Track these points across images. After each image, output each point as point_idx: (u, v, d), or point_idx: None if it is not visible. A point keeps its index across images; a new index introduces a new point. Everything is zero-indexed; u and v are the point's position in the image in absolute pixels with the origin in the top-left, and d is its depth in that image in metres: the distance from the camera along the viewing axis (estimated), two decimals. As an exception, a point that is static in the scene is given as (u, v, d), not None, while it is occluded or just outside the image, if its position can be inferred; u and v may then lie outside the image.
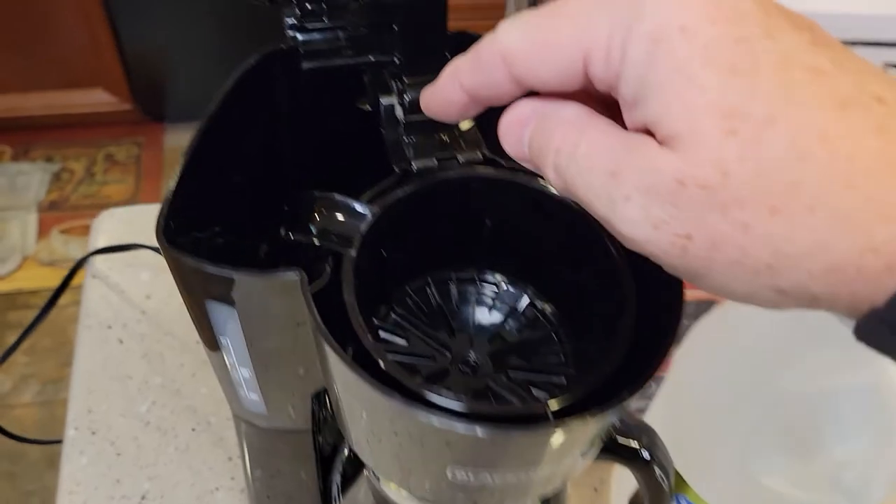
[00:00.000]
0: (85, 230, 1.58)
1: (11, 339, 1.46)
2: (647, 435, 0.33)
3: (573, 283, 0.31)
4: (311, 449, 0.36)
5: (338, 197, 0.28)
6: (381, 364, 0.24)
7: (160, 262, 0.59)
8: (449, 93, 0.22)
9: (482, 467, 0.25)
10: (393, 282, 0.32)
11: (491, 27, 0.21)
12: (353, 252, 0.27)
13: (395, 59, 0.32)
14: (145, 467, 0.49)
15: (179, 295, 0.42)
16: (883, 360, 0.18)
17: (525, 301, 0.33)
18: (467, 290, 0.34)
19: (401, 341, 0.31)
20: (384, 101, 0.32)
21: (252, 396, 0.32)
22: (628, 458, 0.33)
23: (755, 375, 0.35)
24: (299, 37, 0.34)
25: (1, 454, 1.27)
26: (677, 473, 0.38)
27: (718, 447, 0.37)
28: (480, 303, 0.33)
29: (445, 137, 0.32)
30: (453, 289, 0.34)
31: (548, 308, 0.32)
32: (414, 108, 0.32)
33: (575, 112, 0.20)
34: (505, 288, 0.33)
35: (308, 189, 0.31)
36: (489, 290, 0.34)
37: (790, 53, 0.17)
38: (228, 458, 0.50)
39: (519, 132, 0.22)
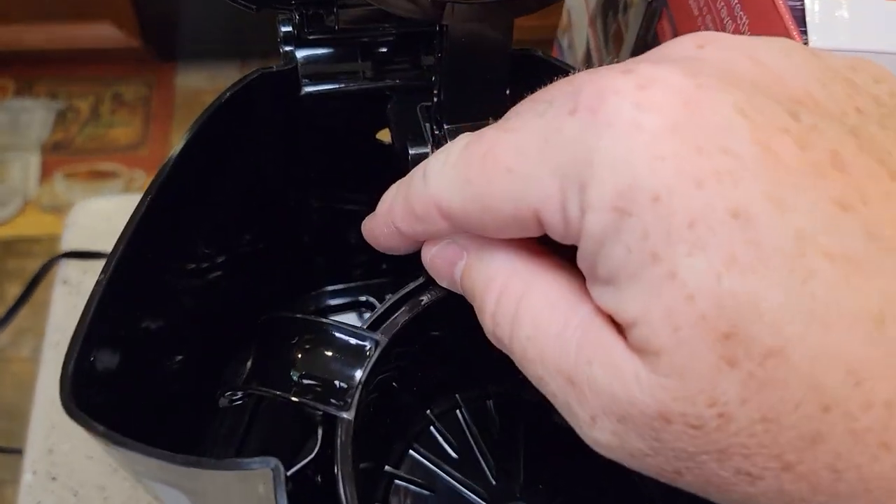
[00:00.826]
0: (90, 175, 1.50)
1: (11, 288, 1.41)
2: None
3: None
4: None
5: (330, 325, 0.19)
6: None
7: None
8: (387, 235, 0.19)
9: None
10: (410, 409, 0.24)
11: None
12: (350, 415, 0.18)
13: (434, 93, 0.23)
14: (112, 527, 0.42)
15: None
16: None
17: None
18: (512, 412, 0.25)
19: (421, 492, 0.23)
20: (414, 151, 0.23)
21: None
22: None
23: None
24: (298, 53, 0.24)
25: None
26: None
27: None
28: (532, 428, 0.25)
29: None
30: (492, 409, 0.25)
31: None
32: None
33: (514, 259, 0.17)
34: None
35: (299, 270, 0.23)
36: (537, 409, 0.25)
37: (807, 231, 0.12)
38: (209, 518, 0.43)
39: (448, 271, 0.18)
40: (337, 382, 0.19)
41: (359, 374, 0.19)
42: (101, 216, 0.53)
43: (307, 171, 0.28)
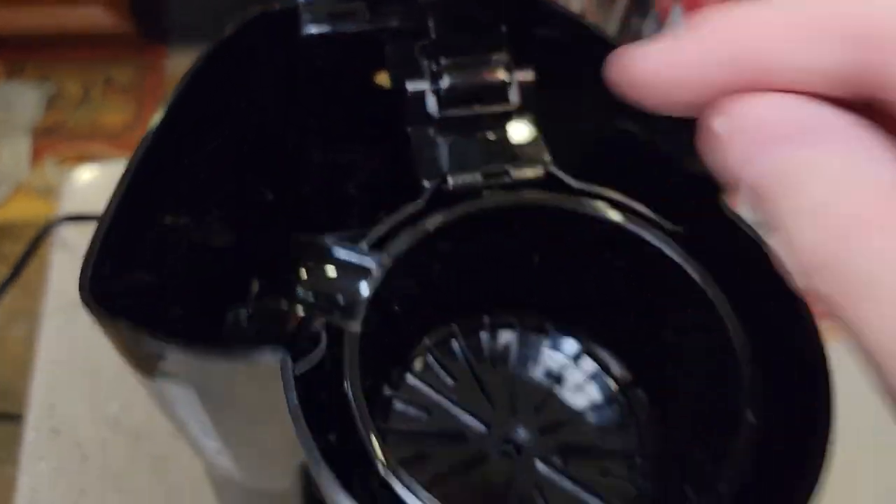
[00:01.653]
0: (81, 159, 1.50)
1: (3, 270, 1.40)
2: None
3: (658, 347, 0.24)
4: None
5: (332, 244, 0.20)
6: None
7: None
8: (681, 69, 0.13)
9: None
10: (409, 334, 0.25)
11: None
12: (355, 327, 0.19)
13: (430, 30, 0.24)
14: (114, 478, 0.43)
15: None
16: None
17: (588, 362, 0.26)
18: (506, 342, 0.26)
19: (420, 415, 0.24)
20: (411, 86, 0.24)
21: (224, 463, 0.25)
22: None
23: None
24: (299, -7, 0.25)
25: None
26: None
27: None
28: (525, 358, 0.26)
29: (494, 139, 0.24)
30: (486, 340, 0.26)
31: (620, 373, 0.25)
32: (453, 99, 0.24)
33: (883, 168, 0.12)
34: (558, 339, 0.26)
35: (297, 220, 0.23)
36: (535, 342, 0.26)
37: None
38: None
39: (759, 150, 0.13)
40: (341, 297, 0.20)
41: (364, 291, 0.20)
42: (97, 184, 0.54)
43: (305, 117, 0.29)
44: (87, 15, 1.54)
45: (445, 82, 0.23)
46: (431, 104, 0.24)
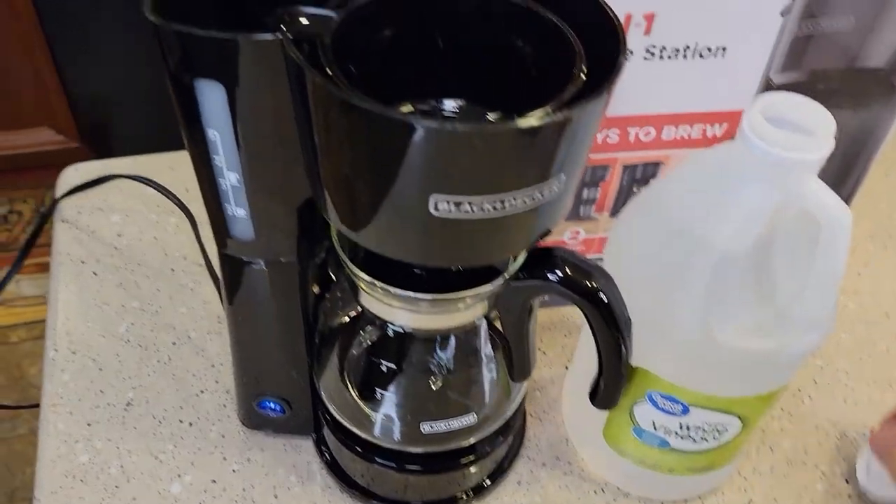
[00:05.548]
0: (36, 268, 1.56)
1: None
2: (604, 277, 0.35)
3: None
4: (297, 278, 0.38)
5: (302, 7, 0.30)
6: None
7: (130, 203, 0.61)
8: None
9: (462, 190, 0.27)
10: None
11: None
12: (327, 40, 0.29)
13: None
14: (128, 379, 0.50)
15: (150, 230, 0.44)
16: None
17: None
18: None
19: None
20: None
21: (239, 212, 0.34)
22: (585, 297, 0.34)
23: (693, 239, 0.36)
24: None
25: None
26: (640, 369, 0.40)
27: (670, 316, 0.37)
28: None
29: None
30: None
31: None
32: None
33: None
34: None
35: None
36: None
37: None
38: (211, 365, 0.51)
39: None
40: (315, 31, 0.30)
41: (332, 23, 0.30)
42: (88, 172, 0.63)
43: None
44: (36, 136, 1.65)
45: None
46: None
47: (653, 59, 0.42)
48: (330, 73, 0.28)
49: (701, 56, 0.42)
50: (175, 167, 0.64)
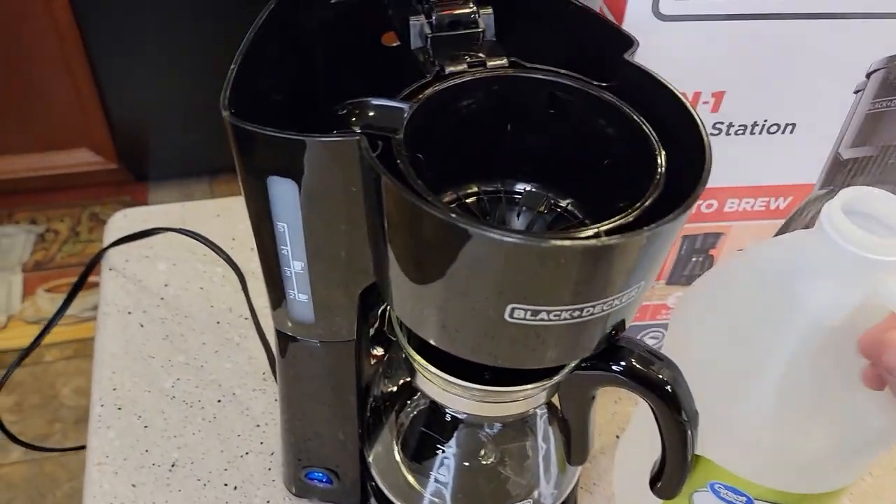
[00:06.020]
0: (68, 287, 1.57)
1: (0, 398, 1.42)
2: (670, 368, 0.33)
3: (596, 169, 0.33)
4: (353, 359, 0.37)
5: (372, 100, 0.30)
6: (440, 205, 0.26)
7: (177, 252, 0.61)
8: None
9: (541, 301, 0.26)
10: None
11: None
12: (399, 135, 0.29)
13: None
14: (173, 437, 0.49)
15: (197, 281, 0.43)
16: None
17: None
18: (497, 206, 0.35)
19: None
20: (413, 20, 0.35)
21: (301, 297, 0.34)
22: (652, 389, 0.33)
23: (767, 333, 0.35)
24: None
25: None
26: (703, 458, 0.38)
27: (738, 409, 0.36)
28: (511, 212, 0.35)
29: (470, 48, 0.34)
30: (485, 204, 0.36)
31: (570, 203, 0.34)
32: (441, 26, 0.35)
33: None
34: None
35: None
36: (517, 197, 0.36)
37: None
38: (256, 426, 0.50)
39: None
40: (386, 124, 0.29)
41: (404, 115, 0.29)
42: (128, 225, 0.63)
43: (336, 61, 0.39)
44: (75, 157, 1.67)
45: (435, 14, 0.34)
46: (427, 30, 0.35)
47: (719, 134, 0.41)
48: (403, 170, 0.28)
49: (769, 132, 0.41)
50: (222, 214, 0.64)
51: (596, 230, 0.26)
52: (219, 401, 0.51)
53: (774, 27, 0.37)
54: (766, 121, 0.41)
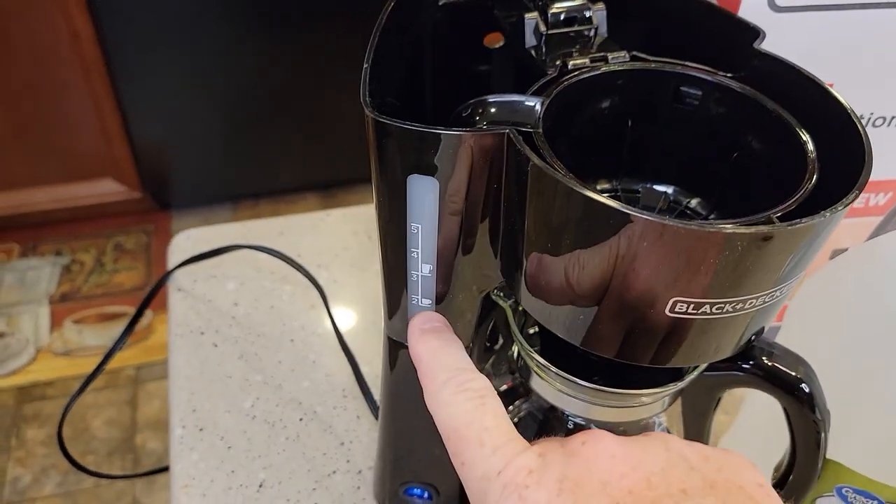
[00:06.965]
0: (99, 318, 1.57)
1: (30, 432, 1.41)
2: (802, 365, 0.33)
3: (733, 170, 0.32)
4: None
5: (496, 97, 0.29)
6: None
7: (243, 271, 0.60)
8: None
9: (705, 294, 0.25)
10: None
11: None
12: (539, 129, 0.28)
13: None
14: (258, 458, 0.48)
15: (266, 299, 0.43)
16: None
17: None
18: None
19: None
20: (528, 17, 0.34)
21: (424, 302, 0.33)
22: (785, 388, 0.32)
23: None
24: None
25: None
26: (830, 461, 0.37)
27: (870, 406, 0.35)
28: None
29: (588, 43, 0.34)
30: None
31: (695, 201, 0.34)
32: (556, 23, 0.34)
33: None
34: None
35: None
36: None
37: None
38: (340, 444, 0.49)
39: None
40: (519, 120, 0.29)
41: (538, 110, 0.29)
42: (191, 246, 0.62)
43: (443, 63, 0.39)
44: (99, 188, 1.67)
45: (551, 11, 0.34)
46: (542, 27, 0.34)
47: (822, 129, 0.40)
48: (550, 163, 0.27)
49: (874, 125, 0.40)
50: (284, 232, 0.63)
51: (765, 217, 0.25)
52: (301, 419, 0.50)
53: (884, 16, 0.36)
54: (872, 114, 0.40)
